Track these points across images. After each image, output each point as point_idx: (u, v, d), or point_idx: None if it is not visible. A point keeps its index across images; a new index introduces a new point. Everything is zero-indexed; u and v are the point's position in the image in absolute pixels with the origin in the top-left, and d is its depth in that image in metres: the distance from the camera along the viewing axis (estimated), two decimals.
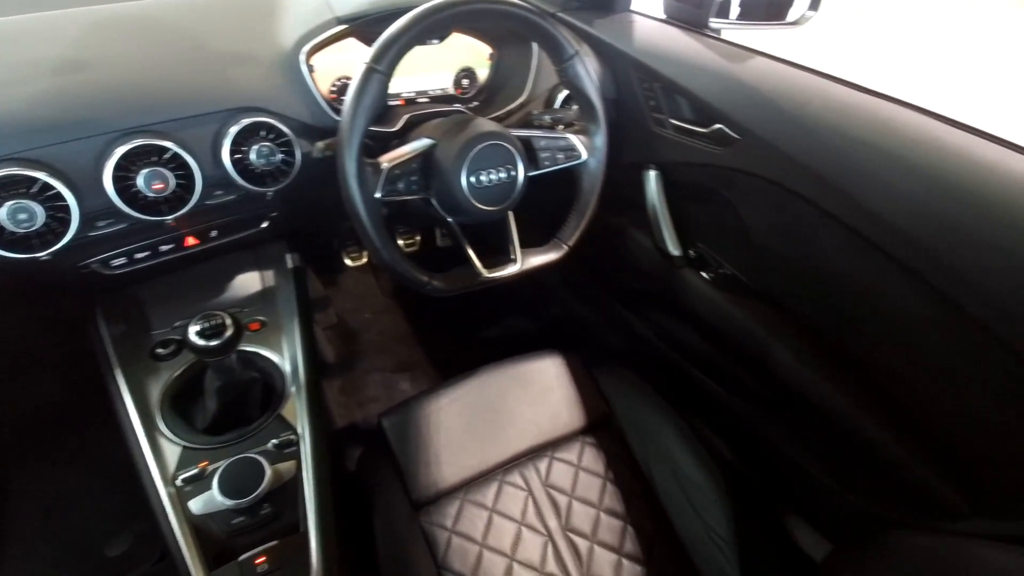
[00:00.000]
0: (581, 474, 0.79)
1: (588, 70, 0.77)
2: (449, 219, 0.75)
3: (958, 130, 0.60)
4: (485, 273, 0.76)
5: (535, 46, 0.96)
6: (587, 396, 0.87)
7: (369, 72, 0.63)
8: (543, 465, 0.79)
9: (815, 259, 0.71)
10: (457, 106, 0.90)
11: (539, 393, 0.86)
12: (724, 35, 0.85)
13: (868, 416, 0.71)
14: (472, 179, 0.71)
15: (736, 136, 0.74)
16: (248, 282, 0.90)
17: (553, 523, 0.74)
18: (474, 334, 1.40)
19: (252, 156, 0.72)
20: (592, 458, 0.80)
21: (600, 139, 0.81)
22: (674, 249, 0.92)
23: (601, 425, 0.84)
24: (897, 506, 0.72)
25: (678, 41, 0.85)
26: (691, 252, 0.93)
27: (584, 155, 0.81)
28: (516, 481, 0.78)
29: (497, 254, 0.80)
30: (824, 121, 0.66)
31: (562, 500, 0.76)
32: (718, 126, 0.76)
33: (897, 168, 0.60)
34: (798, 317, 0.79)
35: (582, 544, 0.73)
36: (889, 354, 0.68)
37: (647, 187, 0.91)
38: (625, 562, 0.71)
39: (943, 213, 0.57)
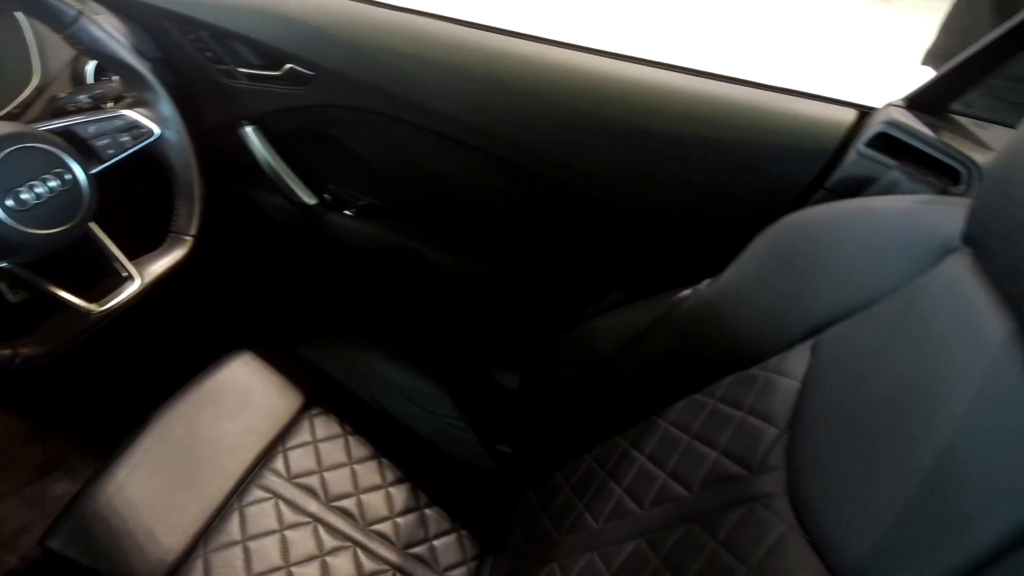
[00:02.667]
0: (321, 447, 0.77)
1: (107, 30, 0.63)
2: (3, 264, 0.56)
3: (498, 35, 0.72)
4: (96, 308, 0.61)
5: (19, 15, 0.73)
6: (292, 373, 0.82)
7: None
8: (278, 464, 0.74)
9: (423, 166, 0.80)
10: None
11: (239, 399, 0.78)
12: None
13: (506, 273, 0.88)
14: (9, 202, 0.54)
15: (310, 73, 0.74)
16: None
17: (313, 506, 0.72)
18: (131, 377, 1.14)
19: None
20: (325, 426, 0.79)
21: (166, 106, 0.69)
22: (308, 199, 0.90)
23: (318, 391, 0.82)
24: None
25: None
26: (326, 196, 0.92)
27: (156, 129, 0.69)
28: (257, 496, 0.71)
29: (103, 279, 0.64)
30: (380, 44, 0.72)
31: (313, 481, 0.74)
32: (288, 66, 0.74)
33: (447, 73, 0.71)
34: (435, 218, 0.89)
35: (349, 504, 0.73)
36: (497, 220, 0.84)
37: (251, 145, 0.84)
38: (392, 491, 0.75)
39: (495, 103, 0.70)
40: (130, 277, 0.65)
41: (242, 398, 0.78)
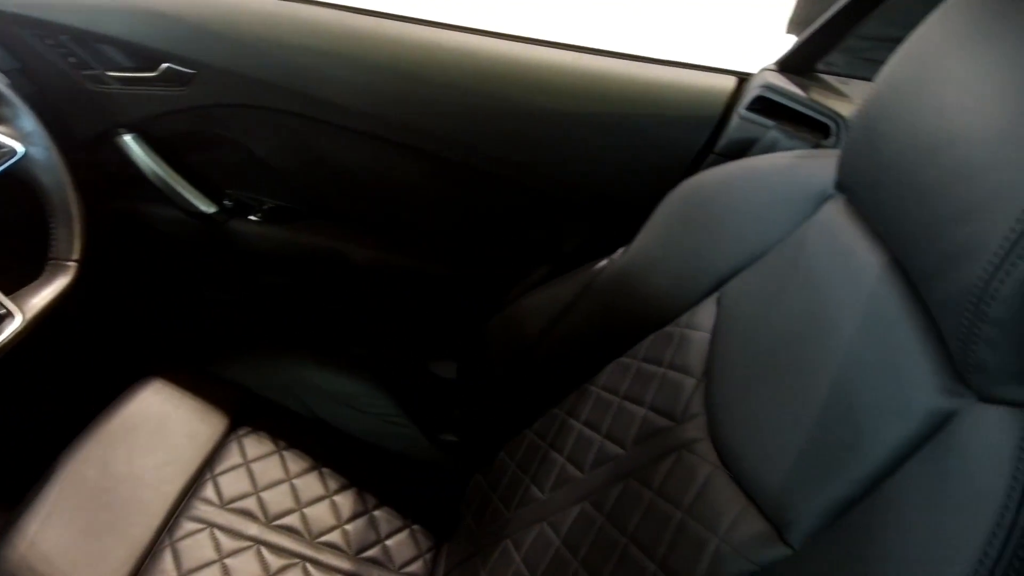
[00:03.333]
0: (254, 467, 0.73)
1: None
2: None
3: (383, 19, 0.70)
4: None
5: None
6: (212, 396, 0.78)
7: None
8: (208, 492, 0.70)
9: (328, 161, 0.78)
10: None
11: (154, 430, 0.73)
12: None
13: (432, 264, 0.88)
14: None
15: (190, 71, 0.69)
16: None
17: (253, 529, 0.69)
18: (30, 422, 1.04)
19: None
20: (256, 445, 0.75)
21: (28, 121, 0.63)
22: (206, 207, 0.84)
23: (244, 411, 0.78)
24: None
25: None
26: (227, 203, 0.87)
27: (19, 148, 0.62)
28: (189, 529, 0.67)
29: None
30: (266, 35, 0.68)
31: (249, 503, 0.71)
32: (165, 66, 0.69)
33: (341, 62, 0.69)
34: (352, 215, 0.86)
35: (292, 520, 0.71)
36: (416, 211, 0.83)
37: (132, 155, 0.78)
38: (337, 499, 0.73)
39: (394, 91, 0.69)
40: (9, 314, 0.59)
41: (158, 428, 0.73)
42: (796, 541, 0.34)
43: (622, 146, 0.69)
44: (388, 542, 0.72)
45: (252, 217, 0.88)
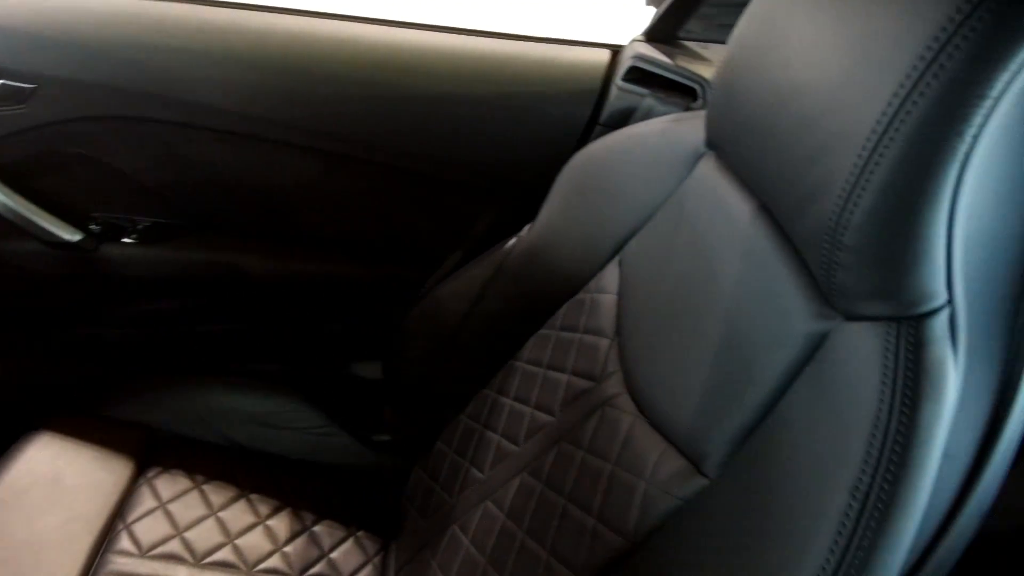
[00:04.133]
0: (172, 508, 0.68)
1: None
2: None
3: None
4: None
5: None
6: (111, 441, 0.71)
7: None
8: (123, 543, 0.64)
9: (205, 168, 0.72)
10: None
11: (49, 488, 0.65)
12: None
13: (340, 265, 0.85)
14: None
15: (29, 86, 0.61)
16: None
17: (182, 572, 0.64)
18: None
19: None
20: (171, 484, 0.70)
21: None
22: (69, 235, 0.76)
23: (152, 451, 0.72)
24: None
25: None
26: (93, 227, 0.79)
27: None
28: None
29: None
30: (113, 38, 0.62)
31: (173, 546, 0.66)
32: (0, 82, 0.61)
33: (203, 60, 0.64)
34: (244, 224, 0.81)
35: (224, 554, 0.66)
36: (314, 213, 0.80)
37: None
38: (271, 523, 0.70)
39: (266, 87, 0.66)
40: None
41: (53, 485, 0.66)
42: (712, 471, 0.38)
43: (513, 125, 0.71)
44: (333, 555, 0.70)
45: (126, 239, 0.80)
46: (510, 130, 0.71)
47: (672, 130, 0.53)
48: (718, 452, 0.38)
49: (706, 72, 0.64)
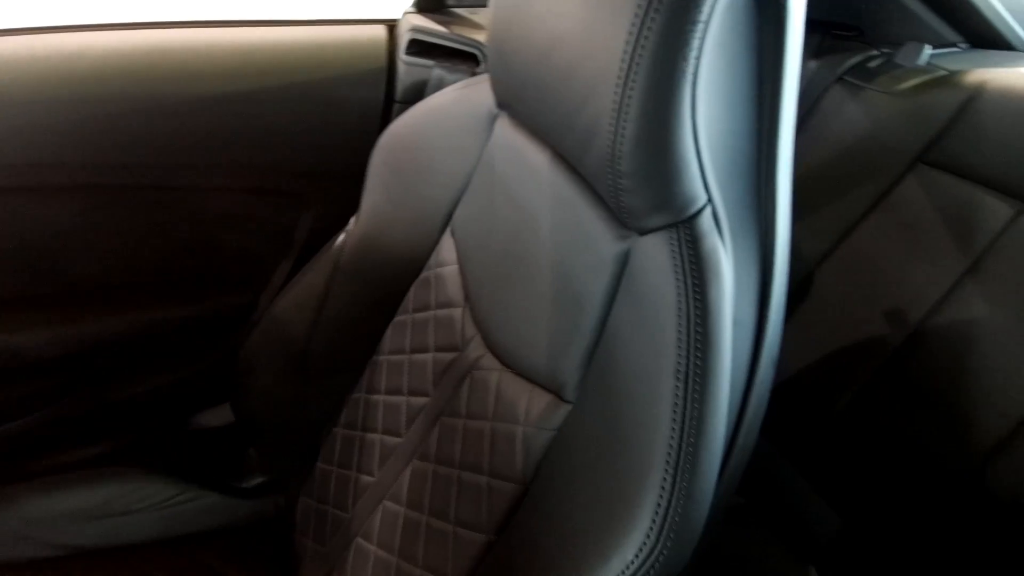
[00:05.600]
0: None
1: None
2: None
3: None
4: None
5: None
6: None
7: None
8: None
9: None
10: None
11: None
12: None
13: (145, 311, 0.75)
14: None
15: None
16: None
17: None
18: None
19: None
20: None
21: None
22: None
23: None
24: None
25: None
26: None
27: None
28: None
29: None
30: None
31: None
32: None
33: None
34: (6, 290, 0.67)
35: None
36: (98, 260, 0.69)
37: None
38: None
39: None
40: None
41: None
42: (571, 396, 0.42)
43: (309, 116, 0.67)
44: None
45: None
46: (307, 122, 0.68)
47: (464, 97, 0.54)
48: (572, 377, 0.42)
49: (481, 36, 0.66)
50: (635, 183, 0.35)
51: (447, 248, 0.57)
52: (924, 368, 0.58)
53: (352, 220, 0.62)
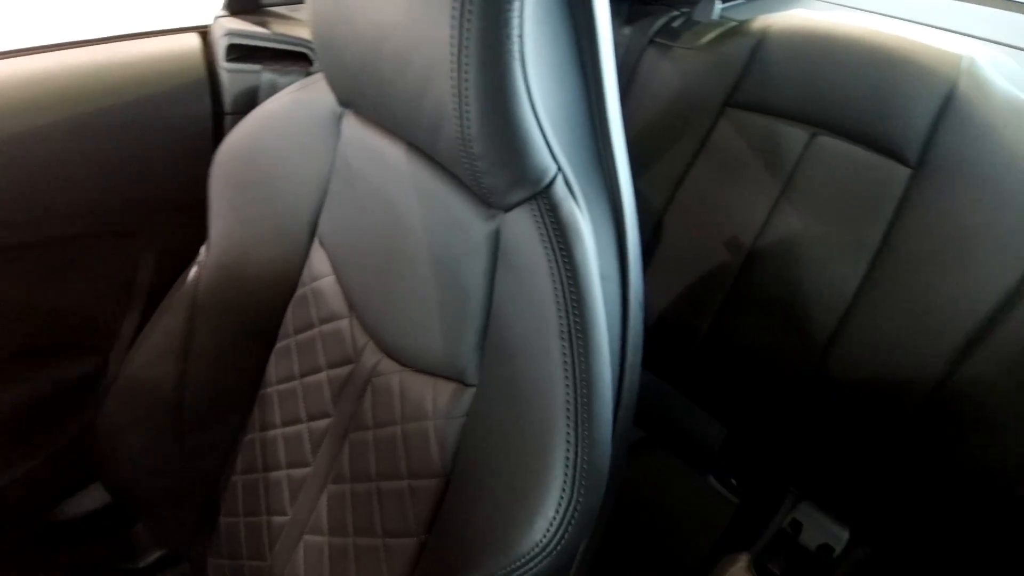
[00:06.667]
0: None
1: None
2: None
3: None
4: None
5: None
6: None
7: None
8: None
9: None
10: None
11: None
12: None
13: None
14: None
15: None
16: None
17: None
18: None
19: None
20: None
21: None
22: None
23: None
24: None
25: None
26: None
27: None
28: None
29: None
30: None
31: None
32: None
33: None
34: None
35: None
36: None
37: None
38: None
39: None
40: None
41: None
42: (473, 378, 0.42)
43: (130, 141, 0.59)
44: None
45: None
46: (129, 148, 0.60)
47: (303, 99, 0.51)
48: (470, 361, 0.42)
49: (306, 34, 0.63)
50: (489, 163, 0.36)
51: (319, 260, 0.54)
52: (762, 282, 0.67)
53: (202, 250, 0.57)
